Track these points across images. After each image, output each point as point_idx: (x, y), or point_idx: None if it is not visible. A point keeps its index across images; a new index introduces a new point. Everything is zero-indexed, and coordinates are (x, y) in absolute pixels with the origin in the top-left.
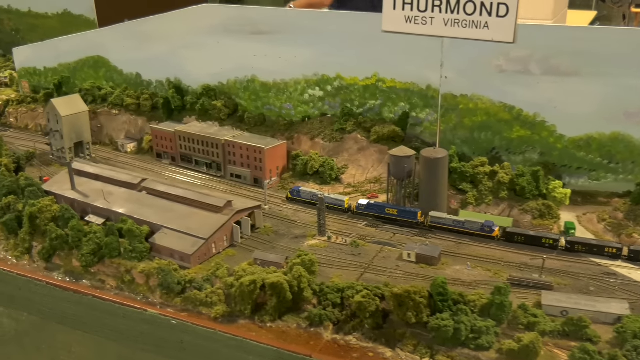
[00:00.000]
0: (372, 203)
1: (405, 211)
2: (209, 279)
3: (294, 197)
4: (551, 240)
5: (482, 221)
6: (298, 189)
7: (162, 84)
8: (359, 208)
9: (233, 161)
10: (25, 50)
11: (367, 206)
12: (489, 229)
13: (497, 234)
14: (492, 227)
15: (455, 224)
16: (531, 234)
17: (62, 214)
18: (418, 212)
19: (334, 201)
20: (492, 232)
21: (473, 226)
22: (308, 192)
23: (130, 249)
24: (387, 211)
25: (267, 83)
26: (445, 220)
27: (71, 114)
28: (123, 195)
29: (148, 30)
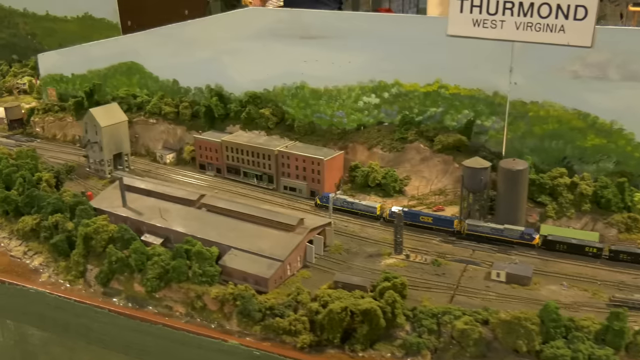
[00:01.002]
0: (406, 210)
1: (440, 219)
2: (291, 304)
3: (324, 203)
4: (594, 248)
5: (522, 229)
6: (327, 196)
7: (202, 91)
8: (392, 215)
9: (287, 173)
10: (52, 56)
11: None
12: (529, 237)
13: (538, 242)
14: (532, 234)
15: (493, 231)
16: (573, 242)
17: (121, 234)
18: (454, 220)
19: (366, 208)
20: (532, 239)
21: (512, 234)
22: (340, 200)
23: (199, 273)
24: (421, 219)
25: (318, 90)
26: (483, 228)
27: (111, 124)
28: (181, 213)
29: (188, 35)
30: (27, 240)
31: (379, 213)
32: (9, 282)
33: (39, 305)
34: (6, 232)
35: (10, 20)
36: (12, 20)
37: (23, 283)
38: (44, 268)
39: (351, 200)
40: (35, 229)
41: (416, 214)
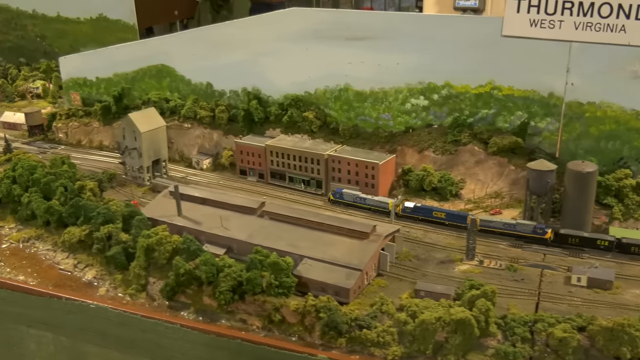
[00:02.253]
0: (419, 206)
1: (454, 215)
2: (376, 315)
3: (337, 199)
4: (606, 241)
5: (533, 224)
6: (340, 191)
7: (237, 94)
8: (405, 210)
9: (337, 178)
10: (74, 59)
11: (414, 209)
12: (541, 231)
13: (550, 237)
14: (544, 229)
15: (505, 227)
16: (585, 235)
17: (187, 245)
18: (468, 215)
19: (378, 203)
20: (545, 234)
21: (525, 229)
22: (351, 195)
23: (276, 284)
24: (434, 214)
25: (363, 92)
26: (496, 224)
27: (150, 130)
28: (242, 222)
29: (223, 36)
30: (74, 252)
31: (390, 208)
32: (67, 297)
33: (99, 321)
34: (49, 244)
35: (17, 22)
36: (19, 22)
37: (81, 298)
38: (99, 281)
39: (363, 196)
40: (83, 241)
41: (429, 210)
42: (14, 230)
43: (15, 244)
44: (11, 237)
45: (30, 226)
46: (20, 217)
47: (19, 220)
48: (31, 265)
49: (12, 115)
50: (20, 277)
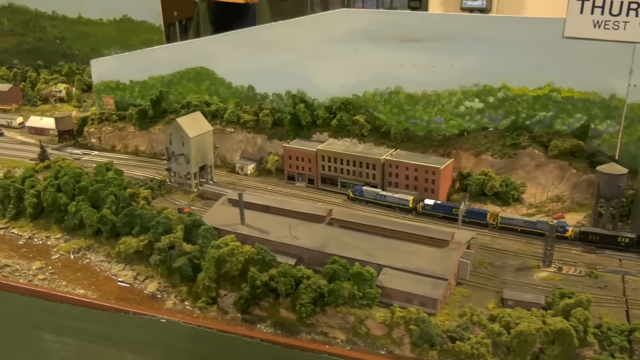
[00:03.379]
0: (439, 203)
1: (474, 212)
2: (468, 326)
3: (357, 196)
4: (627, 239)
5: (554, 222)
6: (360, 189)
7: (281, 98)
8: (425, 208)
9: (394, 183)
10: (107, 62)
11: (434, 206)
12: (562, 229)
13: (570, 234)
14: (565, 227)
15: (526, 224)
16: (606, 233)
17: (262, 256)
18: (487, 213)
19: (399, 200)
20: (565, 232)
21: (545, 226)
22: (371, 192)
23: (360, 295)
24: (454, 211)
25: (414, 95)
26: (516, 221)
27: (198, 135)
28: (310, 230)
29: (269, 38)
30: (130, 264)
31: (411, 205)
32: (134, 311)
33: (169, 336)
34: (102, 255)
35: (36, 24)
36: (38, 23)
37: (149, 312)
38: (163, 294)
39: (383, 193)
40: (140, 251)
41: (449, 207)
42: (61, 241)
43: (66, 255)
44: (60, 248)
45: (78, 236)
46: (66, 227)
47: (65, 230)
48: (87, 277)
49: (39, 119)
50: (79, 290)
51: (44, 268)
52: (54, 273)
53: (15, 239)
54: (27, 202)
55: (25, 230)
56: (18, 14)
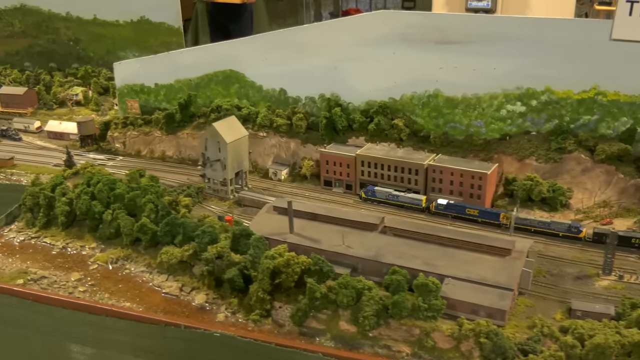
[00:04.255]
0: (452, 203)
1: (487, 212)
2: (539, 339)
3: (368, 197)
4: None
5: (569, 222)
6: (372, 189)
7: (314, 101)
8: (438, 207)
9: (438, 188)
10: (131, 64)
11: (447, 206)
12: (576, 230)
13: (584, 235)
14: (579, 228)
15: (540, 224)
16: (620, 234)
17: (319, 266)
18: (500, 213)
19: (411, 200)
20: (579, 232)
21: (559, 227)
22: (383, 192)
23: (425, 307)
24: (467, 211)
25: (454, 98)
26: (530, 221)
27: (234, 140)
28: (363, 239)
29: (302, 40)
30: (173, 274)
31: (424, 205)
32: (186, 325)
33: (222, 351)
34: (142, 265)
35: (49, 26)
36: (51, 25)
37: (201, 325)
38: (212, 306)
39: (396, 193)
40: (183, 261)
41: (462, 207)
42: (97, 250)
43: (104, 265)
44: (97, 258)
45: (114, 245)
46: (101, 236)
47: (100, 239)
48: (129, 289)
49: (58, 124)
50: (125, 303)
51: (83, 279)
52: (94, 285)
53: (48, 249)
54: (59, 210)
55: (58, 240)
56: (30, 15)
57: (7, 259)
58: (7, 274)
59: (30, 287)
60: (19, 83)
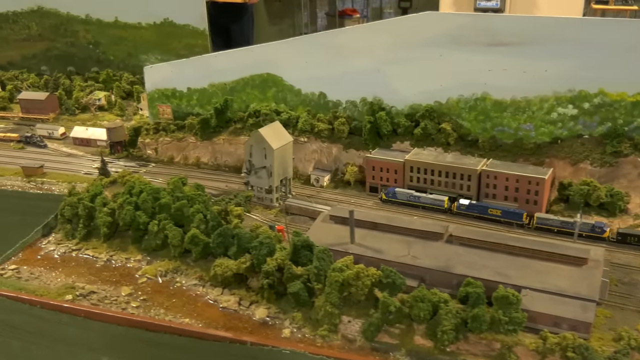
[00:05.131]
0: (474, 203)
1: (509, 212)
2: (628, 352)
3: (389, 198)
4: None
5: (592, 222)
6: (393, 190)
7: (355, 105)
8: (460, 208)
9: (492, 194)
10: (163, 68)
11: (469, 206)
12: (600, 230)
13: (608, 235)
14: (603, 227)
15: (563, 225)
16: None
17: (392, 279)
18: (523, 213)
19: (433, 201)
20: (603, 232)
21: (583, 227)
22: (405, 193)
23: (505, 320)
24: (489, 212)
25: (503, 101)
26: (553, 222)
27: (280, 146)
28: (429, 249)
29: (344, 43)
30: (227, 287)
31: (446, 206)
32: (252, 342)
33: None
34: (193, 278)
35: (67, 28)
36: (70, 28)
37: (269, 342)
38: (274, 321)
39: (417, 194)
40: (238, 274)
41: (484, 207)
42: (143, 263)
43: (153, 278)
44: (145, 271)
45: (160, 257)
46: (146, 248)
47: (145, 250)
48: (184, 303)
49: (84, 130)
50: (184, 319)
51: (134, 294)
52: (147, 299)
53: (92, 262)
54: (101, 221)
55: (101, 252)
56: (48, 17)
57: (50, 273)
58: (53, 289)
59: (80, 303)
60: (37, 87)
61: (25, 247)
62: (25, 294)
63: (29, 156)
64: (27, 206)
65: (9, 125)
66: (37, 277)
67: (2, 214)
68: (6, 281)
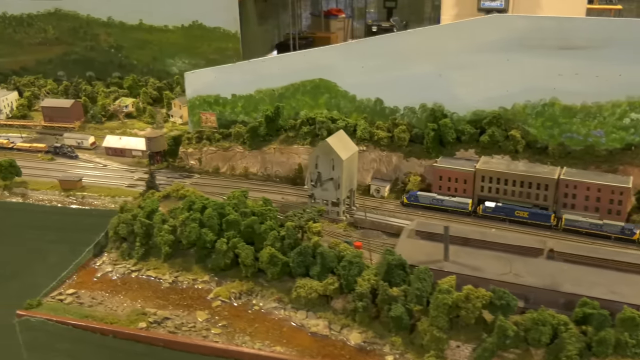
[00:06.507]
0: (500, 205)
1: (537, 214)
2: None
3: (411, 202)
4: None
5: (622, 224)
6: (415, 194)
7: (414, 112)
8: (486, 210)
9: (570, 204)
10: (206, 74)
11: (495, 209)
12: (629, 232)
13: (638, 238)
14: (632, 230)
15: (592, 226)
16: None
17: (505, 301)
18: (551, 214)
19: (457, 204)
20: (633, 235)
21: (612, 229)
22: (427, 197)
23: (633, 343)
24: (516, 213)
25: (572, 107)
26: (582, 223)
27: (349, 157)
28: (529, 266)
29: (404, 47)
30: (313, 310)
31: (470, 209)
32: None
33: None
34: (271, 301)
35: (87, 32)
36: (90, 31)
37: None
38: (372, 346)
39: (440, 198)
40: (324, 295)
41: (511, 209)
42: (212, 284)
43: (227, 301)
44: (217, 293)
45: (229, 278)
46: (213, 267)
47: (212, 270)
48: (268, 329)
49: (117, 139)
50: (274, 347)
51: (210, 319)
52: (227, 325)
53: (155, 284)
54: (162, 239)
55: (164, 273)
56: (66, 20)
57: (113, 298)
58: (122, 315)
59: (156, 331)
60: (55, 94)
61: (78, 269)
62: (95, 323)
63: (61, 168)
64: (70, 222)
65: (32, 134)
66: (100, 302)
67: (44, 232)
68: (69, 308)
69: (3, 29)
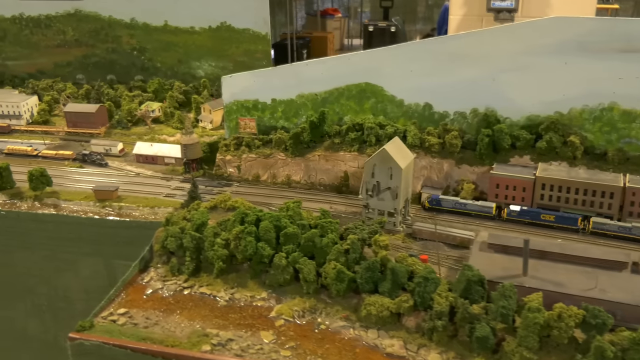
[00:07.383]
0: (526, 209)
1: (563, 217)
2: None
3: (433, 206)
4: None
5: None
6: (437, 197)
7: (464, 117)
8: (511, 214)
9: (636, 213)
10: (245, 78)
11: (521, 212)
12: None
13: None
14: None
15: (621, 229)
16: None
17: (601, 320)
18: (578, 218)
19: (481, 208)
20: None
21: (637, 231)
22: (450, 200)
23: None
24: (542, 217)
25: (632, 111)
26: (610, 226)
27: (407, 165)
28: (614, 280)
29: (456, 50)
30: (383, 328)
31: (494, 213)
32: None
33: None
34: (337, 319)
35: (109, 33)
36: (111, 32)
37: None
38: None
39: (463, 201)
40: (395, 313)
41: (537, 213)
42: (271, 302)
43: (291, 320)
44: (279, 312)
45: (289, 294)
46: (270, 284)
47: (269, 287)
48: (340, 350)
49: (149, 146)
50: None
51: (277, 340)
52: (295, 347)
53: (211, 302)
54: (216, 254)
55: (219, 290)
56: (86, 22)
57: (169, 317)
58: (182, 337)
59: (221, 354)
60: (76, 98)
61: (125, 285)
62: (155, 346)
63: (90, 178)
64: (108, 235)
65: (55, 141)
66: (155, 322)
67: (81, 245)
68: (124, 329)
69: (19, 31)
